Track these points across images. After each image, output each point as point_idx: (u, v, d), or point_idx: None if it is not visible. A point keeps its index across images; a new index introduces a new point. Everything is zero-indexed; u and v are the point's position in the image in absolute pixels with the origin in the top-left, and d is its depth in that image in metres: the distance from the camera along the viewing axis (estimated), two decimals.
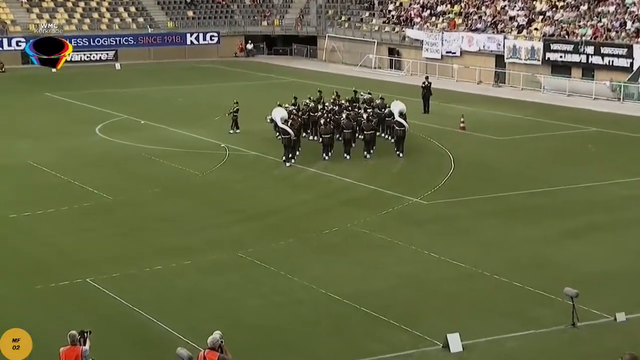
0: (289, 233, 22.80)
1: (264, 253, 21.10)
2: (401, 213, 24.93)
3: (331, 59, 68.90)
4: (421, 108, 43.00)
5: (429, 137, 36.39)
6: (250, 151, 33.40)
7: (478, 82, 55.12)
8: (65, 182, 28.55)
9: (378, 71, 61.96)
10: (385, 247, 21.74)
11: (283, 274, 19.56)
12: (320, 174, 29.98)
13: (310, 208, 25.59)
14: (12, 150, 33.76)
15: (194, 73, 61.81)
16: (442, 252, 21.02)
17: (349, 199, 26.71)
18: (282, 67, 65.20)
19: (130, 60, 66.53)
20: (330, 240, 22.36)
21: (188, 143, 35.07)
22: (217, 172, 30.08)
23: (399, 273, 19.81)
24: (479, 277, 19.43)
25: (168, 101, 47.51)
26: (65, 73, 59.33)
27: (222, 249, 21.43)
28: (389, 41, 64.23)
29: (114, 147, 34.53)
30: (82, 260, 20.58)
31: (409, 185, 28.12)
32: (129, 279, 19.32)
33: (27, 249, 21.70)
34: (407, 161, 32.14)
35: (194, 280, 19.25)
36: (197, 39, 70.35)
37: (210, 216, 24.64)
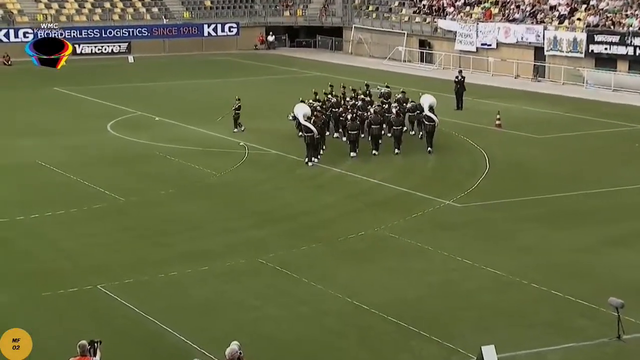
0: (312, 237, 22.80)
1: (286, 259, 21.11)
2: (432, 216, 24.87)
3: (358, 51, 68.86)
4: (454, 104, 42.87)
5: (462, 136, 36.28)
6: (271, 150, 33.46)
7: (515, 77, 54.85)
8: (74, 182, 28.74)
9: (408, 65, 61.84)
10: (415, 253, 21.69)
11: (306, 282, 19.56)
12: (345, 174, 29.97)
13: (335, 211, 25.59)
14: (18, 148, 34.05)
15: (212, 67, 62.03)
16: (477, 259, 20.93)
17: (376, 201, 26.68)
18: (305, 61, 65.24)
19: (143, 53, 66.86)
20: (356, 245, 22.34)
21: (205, 141, 35.19)
22: (236, 172, 30.16)
23: (430, 281, 19.75)
24: (516, 286, 19.33)
25: (184, 97, 47.70)
26: (75, 67, 59.80)
27: (241, 254, 21.47)
28: (420, 32, 64.08)
29: (126, 145, 34.73)
30: (92, 266, 20.70)
31: (440, 187, 28.04)
32: (142, 285, 19.40)
33: (35, 253, 21.86)
34: (438, 161, 32.06)
35: (211, 288, 19.30)
36: (215, 31, 70.59)
37: (228, 219, 24.71)
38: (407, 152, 32.87)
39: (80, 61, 63.63)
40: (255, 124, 38.38)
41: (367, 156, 32.22)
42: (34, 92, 48.64)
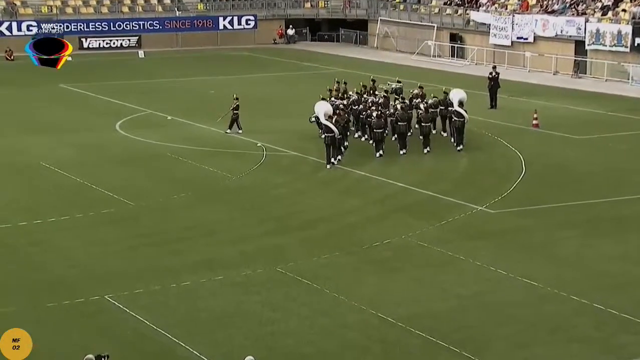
0: (334, 245, 22.82)
1: (306, 268, 21.14)
2: (463, 223, 24.82)
3: (384, 46, 68.84)
4: (487, 102, 42.78)
5: (496, 136, 36.19)
6: (290, 151, 33.52)
7: (554, 73, 54.63)
8: (81, 185, 28.92)
9: (438, 60, 61.75)
10: (445, 262, 21.66)
11: (328, 292, 19.58)
12: (370, 177, 29.97)
13: (359, 217, 25.59)
14: (21, 149, 34.28)
15: (227, 62, 62.21)
16: (512, 269, 20.87)
17: (403, 206, 26.66)
18: (328, 56, 65.29)
19: (155, 47, 67.18)
20: (381, 254, 22.34)
21: (220, 141, 35.31)
22: (253, 175, 30.24)
23: (461, 293, 19.71)
24: (554, 298, 19.26)
25: (198, 94, 47.88)
26: (82, 62, 60.15)
27: (258, 263, 21.53)
28: (451, 25, 63.97)
29: (136, 145, 34.90)
30: (99, 275, 20.82)
31: (472, 191, 27.98)
32: (152, 296, 19.49)
33: (38, 261, 22.00)
34: (470, 163, 32.00)
35: (226, 299, 19.36)
36: (231, 24, 70.81)
37: (245, 225, 24.77)
38: (436, 153, 32.88)
39: (87, 56, 64.02)
40: (274, 124, 38.50)
41: (393, 156, 32.24)
42: (38, 89, 48.96)
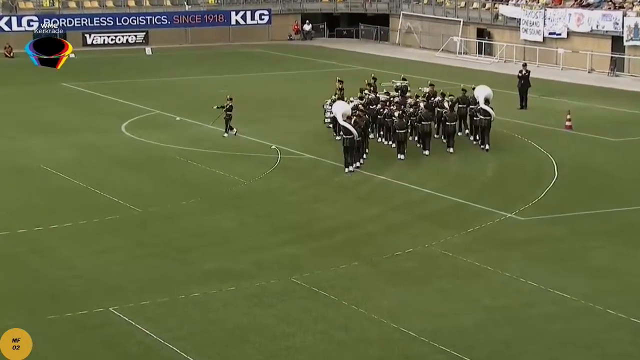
0: (353, 255, 22.81)
1: (323, 279, 21.13)
2: (491, 232, 24.77)
3: (406, 42, 68.83)
4: (517, 102, 42.70)
5: (526, 138, 36.11)
6: (307, 154, 33.54)
7: (589, 71, 54.49)
8: (84, 189, 29.01)
9: (464, 57, 61.69)
10: (471, 273, 21.61)
11: (346, 305, 19.56)
12: (391, 182, 29.95)
13: (379, 225, 25.57)
14: (21, 151, 34.44)
15: (240, 60, 62.32)
16: (543, 281, 20.80)
17: (427, 213, 26.63)
18: (347, 53, 65.32)
19: (163, 44, 67.39)
20: (403, 264, 22.31)
21: (232, 144, 35.36)
22: (267, 180, 30.27)
23: (489, 306, 19.65)
24: (588, 312, 19.18)
25: (208, 93, 47.97)
26: (86, 59, 60.44)
27: (272, 273, 21.53)
28: (478, 20, 63.90)
29: (143, 148, 34.99)
30: (104, 286, 20.86)
31: (501, 197, 27.91)
32: (160, 308, 19.51)
33: (38, 271, 22.06)
34: (499, 167, 31.93)
35: (238, 311, 19.36)
36: (244, 19, 70.98)
37: (258, 233, 24.79)
38: (461, 154, 32.89)
39: (91, 53, 64.31)
40: (289, 125, 38.53)
41: (415, 159, 32.24)
42: (39, 87, 49.18)
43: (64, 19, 66.33)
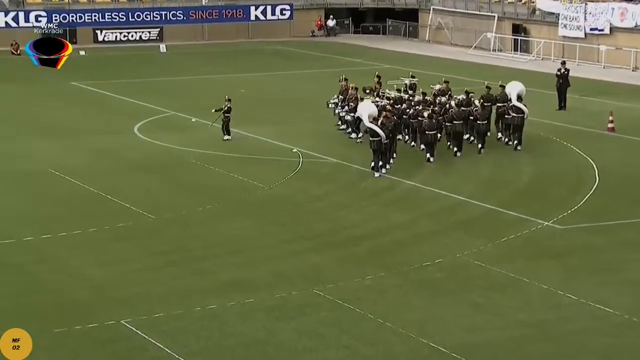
0: (379, 265, 22.81)
1: (348, 290, 21.13)
2: (527, 241, 24.69)
3: (437, 38, 68.75)
4: (555, 103, 42.57)
5: (565, 141, 35.99)
6: (330, 158, 33.55)
7: (633, 69, 54.21)
8: (94, 195, 29.14)
9: (498, 55, 61.54)
10: (505, 285, 21.55)
11: (372, 318, 19.56)
12: (420, 187, 29.92)
13: (408, 233, 25.56)
14: (28, 153, 34.62)
15: (260, 57, 62.40)
16: (583, 294, 20.72)
17: (458, 221, 26.59)
18: (373, 50, 65.30)
19: (178, 40, 67.60)
20: (433, 275, 22.28)
21: (251, 146, 35.43)
22: (288, 185, 30.30)
23: (525, 320, 19.60)
24: (631, 328, 19.09)
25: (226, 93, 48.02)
26: (97, 57, 60.74)
27: (294, 284, 21.56)
28: (514, 15, 63.72)
29: (157, 151, 35.11)
30: (115, 297, 20.94)
31: (538, 204, 27.84)
32: (175, 320, 19.57)
33: (45, 281, 22.16)
34: (535, 172, 31.84)
35: (257, 325, 19.39)
36: (264, 14, 71.09)
37: (278, 242, 24.82)
38: (496, 158, 32.83)
39: (102, 50, 64.61)
40: (311, 127, 38.53)
41: (446, 162, 32.24)
42: (47, 86, 49.42)
43: (73, 15, 66.70)
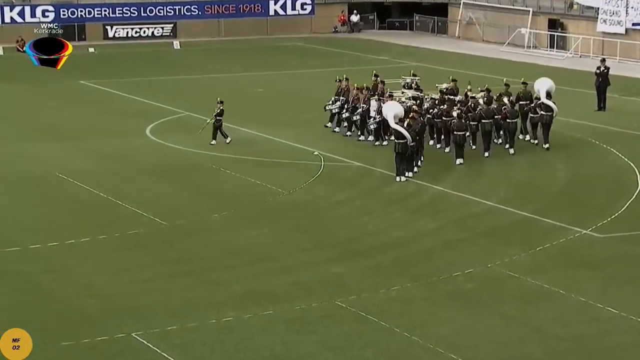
0: (406, 275, 22.80)
1: (372, 302, 21.14)
2: (564, 250, 24.63)
3: (467, 35, 68.66)
4: (594, 103, 42.44)
5: (604, 144, 35.87)
6: (353, 161, 33.57)
7: None
8: (104, 200, 29.25)
9: (533, 52, 61.40)
10: (541, 297, 21.50)
11: (398, 332, 19.56)
12: (448, 193, 29.89)
13: (435, 241, 25.54)
14: (34, 156, 34.77)
15: (279, 55, 62.48)
16: (623, 307, 20.64)
17: (490, 228, 26.55)
18: (399, 47, 65.28)
19: (193, 37, 67.75)
20: (463, 286, 22.26)
21: (270, 149, 35.48)
22: (309, 190, 30.34)
23: (561, 334, 19.55)
24: None
25: (243, 93, 48.18)
26: (107, 54, 60.97)
27: (315, 295, 21.58)
28: (550, 10, 63.58)
29: (170, 153, 35.20)
30: (125, 309, 21.01)
31: (575, 211, 27.77)
32: (189, 333, 19.61)
33: (52, 291, 22.24)
34: (572, 176, 31.75)
35: (276, 338, 19.41)
36: (284, 8, 71.19)
37: (298, 250, 24.85)
38: (528, 160, 32.83)
39: (112, 47, 64.84)
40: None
41: (475, 164, 32.20)
42: (54, 85, 49.58)
43: (82, 9, 67.00)
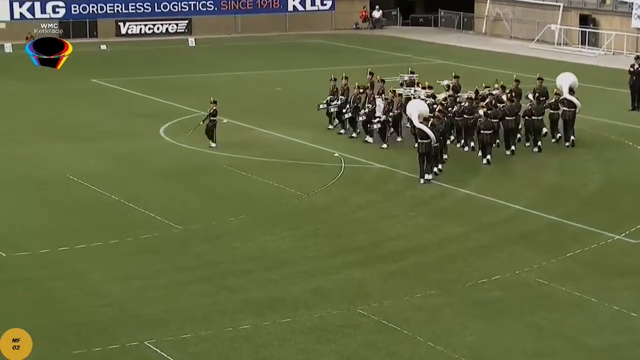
0: (429, 282, 22.76)
1: (394, 310, 21.11)
2: (596, 257, 24.55)
3: (494, 31, 68.54)
4: (628, 102, 42.30)
5: (638, 145, 35.77)
6: (375, 163, 33.55)
7: None
8: (116, 203, 29.31)
9: (563, 49, 61.22)
10: (572, 305, 21.43)
11: (422, 341, 19.53)
12: (474, 196, 29.84)
13: (460, 247, 25.49)
14: (44, 157, 34.85)
15: (298, 52, 62.49)
16: None
17: (518, 234, 26.48)
18: (423, 44, 65.20)
19: (208, 33, 67.83)
20: (490, 294, 22.21)
21: (288, 150, 35.49)
22: (328, 193, 30.32)
23: (593, 345, 19.49)
24: None
25: (261, 92, 48.21)
26: (120, 52, 61.10)
27: (334, 303, 21.56)
28: (581, 4, 63.38)
29: (184, 155, 35.24)
30: (139, 316, 21.05)
31: (607, 215, 27.70)
32: (203, 342, 19.63)
33: (63, 298, 22.31)
34: (605, 179, 31.64)
35: (294, 347, 19.41)
36: (303, 4, 71.25)
37: (318, 255, 24.84)
38: (558, 161, 32.71)
39: (126, 45, 64.96)
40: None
41: (503, 166, 32.15)
42: (65, 84, 49.69)
43: (94, 5, 67.12)
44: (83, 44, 64.02)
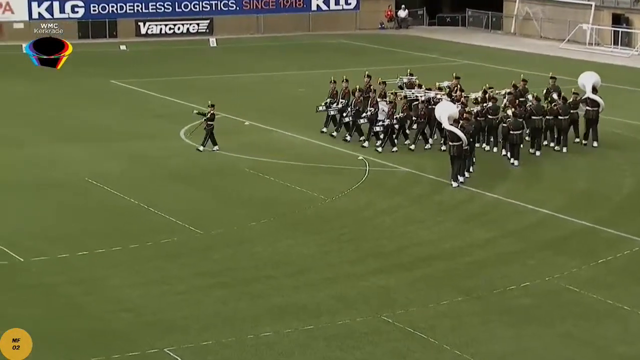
0: (457, 289, 22.74)
1: (420, 317, 21.10)
2: (629, 263, 24.47)
3: (524, 31, 68.38)
4: None
5: None
6: (400, 166, 33.52)
7: None
8: (135, 207, 29.39)
9: (595, 49, 61.01)
10: (603, 313, 21.37)
11: (448, 349, 19.51)
12: (503, 200, 29.77)
13: (488, 253, 25.45)
14: (61, 160, 34.96)
15: (321, 52, 62.50)
16: None
17: (547, 239, 26.42)
18: (450, 44, 65.09)
19: (230, 33, 67.92)
20: (518, 301, 22.16)
21: (311, 154, 35.50)
22: (352, 197, 30.32)
23: (625, 354, 19.43)
24: None
25: (283, 93, 48.24)
26: (139, 52, 61.27)
27: (359, 310, 21.56)
28: (614, 3, 63.16)
29: (205, 158, 35.28)
30: (158, 322, 21.09)
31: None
32: (224, 349, 19.66)
33: (81, 304, 22.38)
34: (637, 183, 31.51)
35: (317, 354, 19.42)
36: (327, 3, 71.24)
37: (341, 261, 24.84)
38: (588, 164, 32.63)
39: (145, 45, 65.12)
40: None
41: (532, 169, 32.09)
42: (83, 85, 49.88)
43: (113, 4, 67.28)
44: (102, 44, 64.41)
